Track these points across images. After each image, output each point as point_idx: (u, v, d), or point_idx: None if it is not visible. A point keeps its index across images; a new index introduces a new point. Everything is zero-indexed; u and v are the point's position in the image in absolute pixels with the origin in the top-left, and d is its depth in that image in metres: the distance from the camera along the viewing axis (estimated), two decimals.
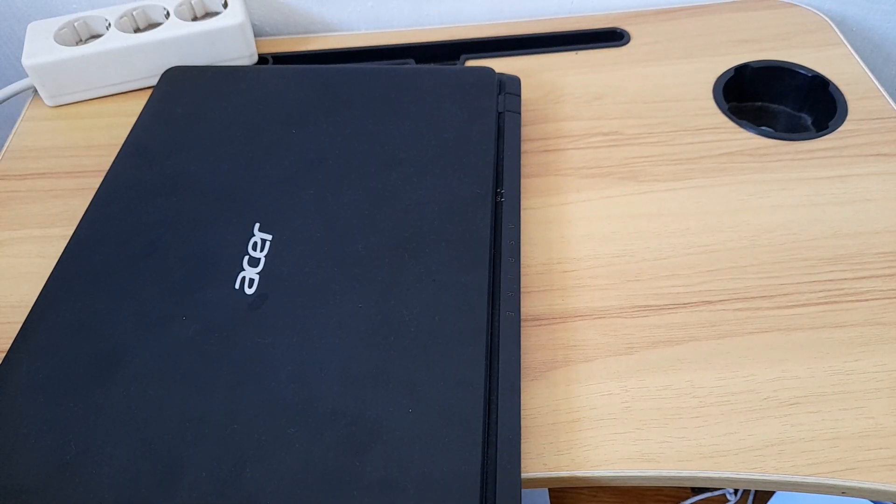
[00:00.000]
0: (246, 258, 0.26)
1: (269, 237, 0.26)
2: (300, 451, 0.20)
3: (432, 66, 0.40)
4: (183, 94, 0.34)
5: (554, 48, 0.41)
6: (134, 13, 0.40)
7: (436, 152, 0.30)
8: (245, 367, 0.22)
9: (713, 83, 0.37)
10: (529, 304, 0.27)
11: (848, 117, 0.35)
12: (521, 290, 0.27)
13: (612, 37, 0.41)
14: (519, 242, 0.27)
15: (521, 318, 0.26)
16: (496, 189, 0.29)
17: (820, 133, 0.34)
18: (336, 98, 0.33)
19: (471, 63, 0.40)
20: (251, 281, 0.25)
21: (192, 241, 0.26)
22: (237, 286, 0.25)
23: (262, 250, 0.26)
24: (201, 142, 0.31)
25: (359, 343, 0.23)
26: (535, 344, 0.26)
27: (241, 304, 0.24)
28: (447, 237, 0.26)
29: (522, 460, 0.22)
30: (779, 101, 0.38)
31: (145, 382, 0.22)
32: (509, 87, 0.34)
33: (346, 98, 0.33)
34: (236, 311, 0.24)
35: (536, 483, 0.23)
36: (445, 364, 0.22)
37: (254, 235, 0.26)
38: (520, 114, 0.33)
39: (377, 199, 0.28)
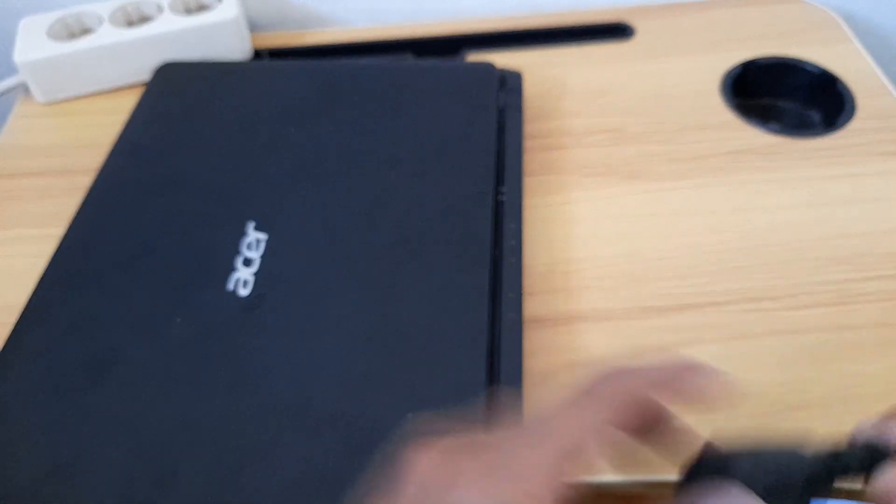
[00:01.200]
0: (241, 258, 0.25)
1: (265, 237, 0.26)
2: (298, 454, 0.20)
3: (432, 61, 0.39)
4: (176, 90, 0.33)
5: (557, 43, 0.40)
6: (127, 7, 0.39)
7: (435, 150, 0.29)
8: (240, 369, 0.22)
9: (720, 79, 0.37)
10: (531, 306, 0.27)
11: (856, 114, 0.34)
12: (523, 291, 0.27)
13: (616, 31, 0.41)
14: (521, 242, 0.26)
15: (523, 319, 0.26)
16: (497, 187, 0.28)
17: (828, 130, 0.33)
18: (334, 94, 0.32)
19: (472, 58, 0.40)
20: (245, 282, 0.24)
21: (185, 241, 0.26)
22: (231, 287, 0.24)
23: (256, 250, 0.25)
24: (195, 139, 0.30)
25: (357, 345, 0.23)
26: (537, 346, 0.25)
27: (235, 306, 0.24)
28: (447, 237, 0.25)
29: None
30: (786, 97, 0.38)
31: (139, 385, 0.22)
32: (511, 83, 0.33)
33: (344, 94, 0.32)
34: (230, 312, 0.24)
35: None
36: (445, 366, 0.22)
37: (247, 235, 0.26)
38: (521, 110, 0.32)
39: (376, 197, 0.27)
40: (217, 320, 0.23)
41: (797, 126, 0.37)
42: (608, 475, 0.22)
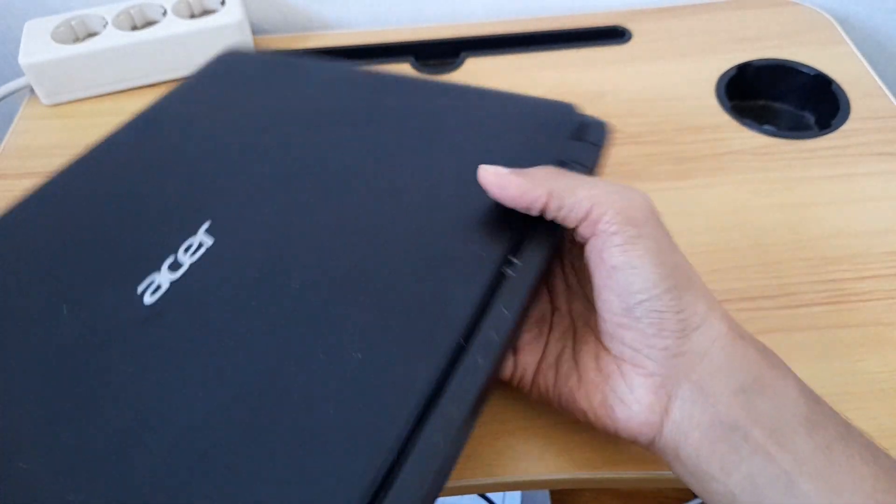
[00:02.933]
0: (171, 260, 0.21)
1: (210, 241, 0.22)
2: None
3: (505, 92, 0.29)
4: (223, 78, 0.31)
5: (555, 46, 0.40)
6: (131, 11, 0.40)
7: (454, 197, 0.23)
8: (107, 385, 0.18)
9: (716, 81, 0.37)
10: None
11: (851, 116, 0.34)
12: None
13: (613, 35, 0.41)
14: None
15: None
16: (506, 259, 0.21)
17: (823, 132, 0.34)
18: (379, 109, 0.27)
19: (471, 61, 0.40)
20: (159, 287, 0.20)
21: (132, 229, 0.23)
22: (140, 290, 0.20)
23: (194, 255, 0.21)
24: (212, 128, 0.28)
25: (247, 395, 0.18)
26: None
27: (136, 312, 0.20)
28: (416, 303, 0.19)
29: (523, 461, 0.22)
30: (781, 99, 0.38)
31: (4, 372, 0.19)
32: (593, 136, 0.26)
33: (389, 110, 0.27)
34: (127, 318, 0.20)
35: (538, 485, 0.22)
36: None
37: (195, 235, 0.22)
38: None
39: (358, 231, 0.22)
40: (109, 323, 0.20)
41: (792, 127, 0.37)
42: (605, 472, 0.22)
